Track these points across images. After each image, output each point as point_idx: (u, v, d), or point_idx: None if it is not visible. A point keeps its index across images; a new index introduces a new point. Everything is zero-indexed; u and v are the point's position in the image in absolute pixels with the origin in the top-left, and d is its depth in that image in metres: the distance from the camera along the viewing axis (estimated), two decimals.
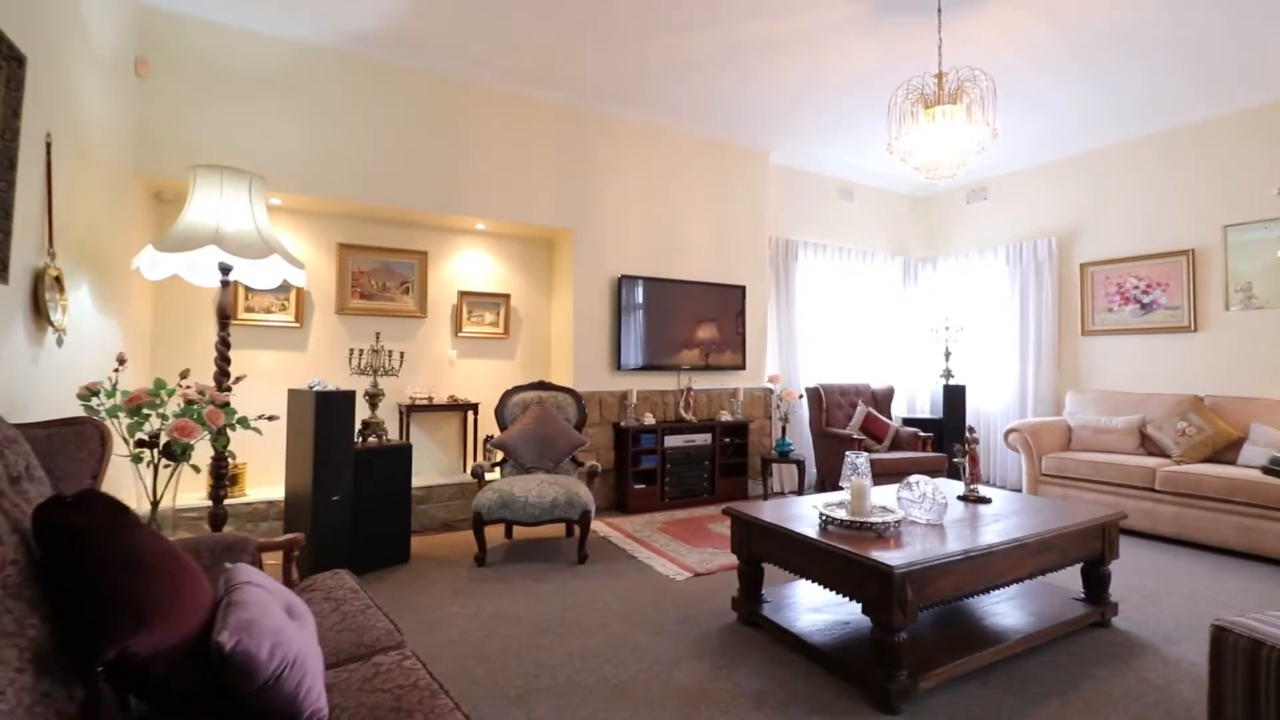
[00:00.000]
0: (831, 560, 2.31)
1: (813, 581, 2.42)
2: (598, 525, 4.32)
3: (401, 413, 4.40)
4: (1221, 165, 4.72)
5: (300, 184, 3.86)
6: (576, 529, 3.79)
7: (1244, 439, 4.21)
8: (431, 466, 4.64)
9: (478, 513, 3.51)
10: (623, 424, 4.79)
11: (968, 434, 3.16)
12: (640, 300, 5.00)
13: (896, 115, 3.38)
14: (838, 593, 2.32)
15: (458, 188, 4.37)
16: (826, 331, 6.15)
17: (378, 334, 4.19)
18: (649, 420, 4.88)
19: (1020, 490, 5.21)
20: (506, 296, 4.96)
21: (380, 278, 4.50)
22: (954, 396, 5.85)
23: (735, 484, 5.25)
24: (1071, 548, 2.69)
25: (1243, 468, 4.03)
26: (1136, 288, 5.19)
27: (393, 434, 4.39)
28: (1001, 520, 2.70)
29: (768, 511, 2.78)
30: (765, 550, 2.67)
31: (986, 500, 3.05)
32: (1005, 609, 2.75)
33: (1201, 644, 2.61)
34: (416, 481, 4.30)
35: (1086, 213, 5.52)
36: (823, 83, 4.49)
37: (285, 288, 4.07)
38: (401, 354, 4.25)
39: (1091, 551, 2.80)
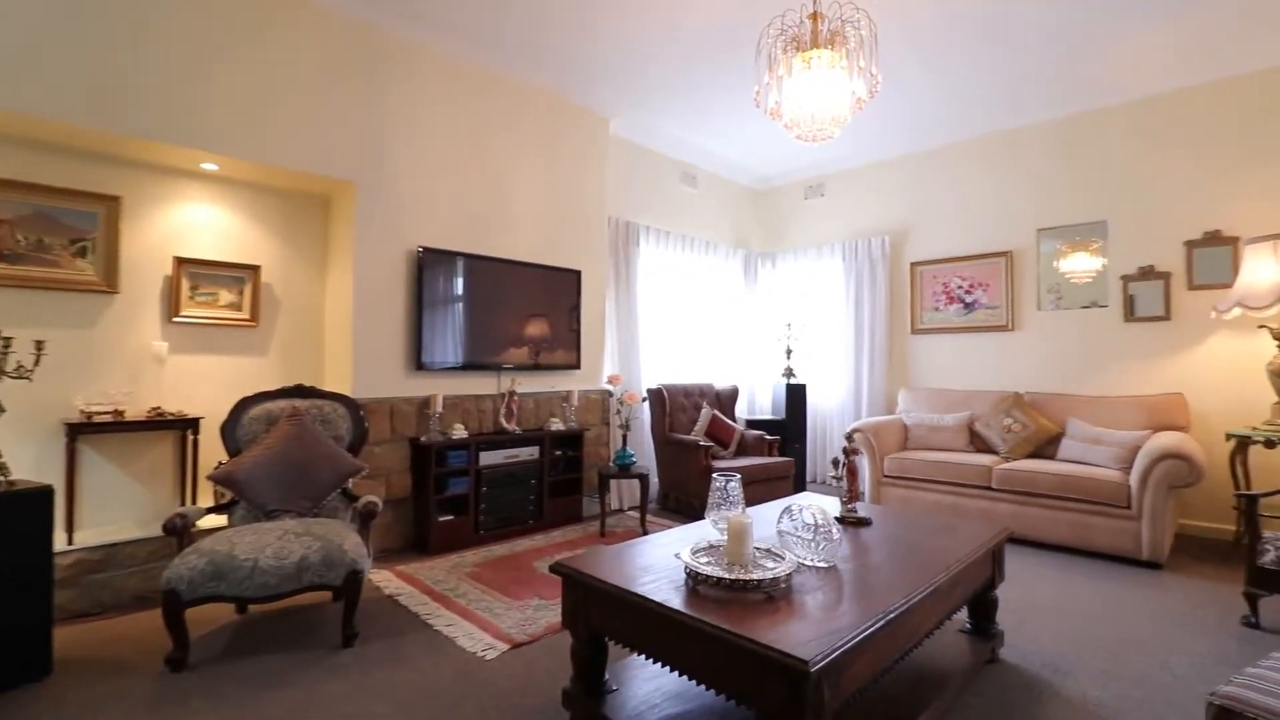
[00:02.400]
0: (709, 645, 1.55)
1: (680, 674, 1.65)
2: (384, 578, 3.22)
3: (67, 434, 2.91)
4: (1034, 172, 4.90)
5: None
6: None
7: (1062, 434, 4.31)
8: (127, 513, 3.18)
9: (172, 591, 2.26)
10: (423, 439, 3.71)
11: (846, 443, 2.64)
12: (451, 281, 3.95)
13: (765, 60, 2.77)
14: (718, 692, 1.57)
15: (183, 109, 3.02)
16: (669, 326, 5.57)
17: None
18: (460, 433, 3.86)
19: (864, 494, 5.03)
20: (255, 269, 3.62)
21: (33, 230, 2.96)
22: (795, 396, 5.58)
23: (567, 505, 4.41)
24: (971, 578, 2.24)
25: (1063, 462, 4.10)
26: (960, 287, 5.28)
27: (40, 467, 2.89)
28: (895, 551, 2.17)
29: (612, 566, 1.97)
30: (610, 623, 1.85)
31: (867, 522, 2.54)
32: (899, 668, 2.22)
33: (1092, 669, 2.31)
34: (89, 538, 2.86)
35: (917, 212, 5.54)
36: (668, 43, 3.83)
37: None
38: (46, 345, 2.79)
39: (984, 578, 2.39)
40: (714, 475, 2.17)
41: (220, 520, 2.79)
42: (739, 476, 2.16)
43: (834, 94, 2.59)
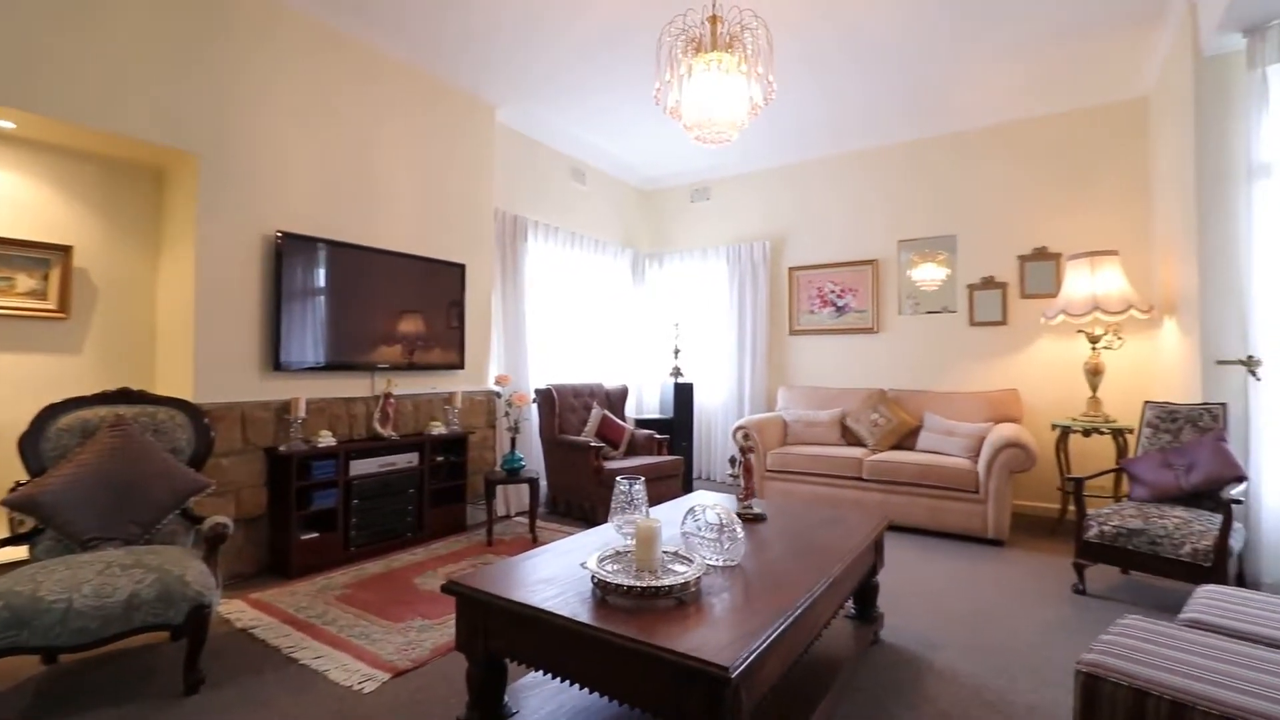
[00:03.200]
0: (623, 659, 1.48)
1: (591, 690, 1.56)
2: (235, 609, 2.81)
3: None
4: (895, 188, 5.34)
5: None
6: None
7: (920, 427, 4.72)
8: None
9: None
10: (283, 449, 3.30)
11: (742, 441, 2.67)
12: (317, 271, 3.55)
13: (666, 59, 2.75)
14: (631, 706, 1.49)
15: None
16: (558, 325, 5.43)
17: None
18: (327, 441, 3.48)
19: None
20: (65, 250, 3.03)
21: None
22: (683, 394, 5.66)
23: (450, 514, 4.14)
24: (859, 567, 2.35)
25: (921, 452, 4.49)
26: (833, 292, 5.63)
27: None
28: (793, 546, 2.22)
29: (512, 581, 1.83)
30: (512, 642, 1.71)
31: (763, 518, 2.59)
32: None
33: (958, 642, 2.51)
34: None
35: (795, 220, 5.84)
36: (559, 35, 3.71)
37: None
38: None
39: (868, 565, 2.52)
40: (617, 479, 2.09)
41: (21, 552, 2.28)
42: (643, 480, 2.10)
43: (733, 98, 2.61)
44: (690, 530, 2.08)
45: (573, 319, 5.60)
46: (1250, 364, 3.02)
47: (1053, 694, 2.15)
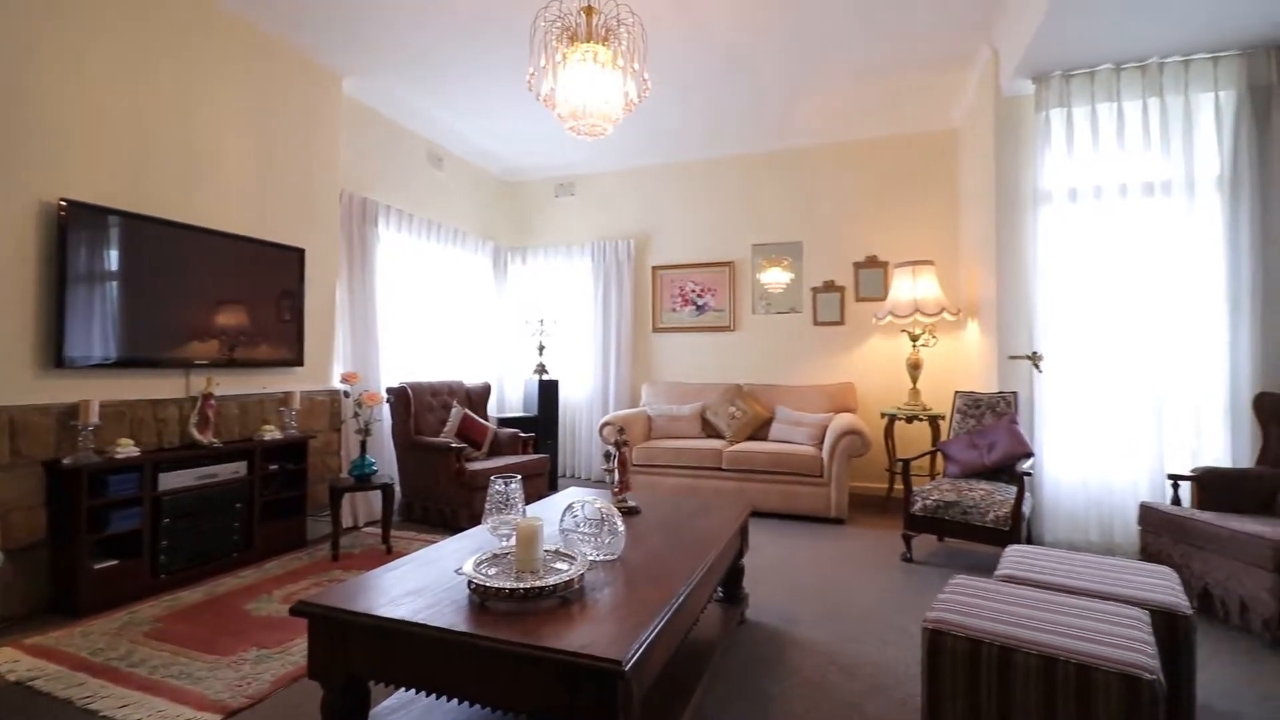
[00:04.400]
0: (509, 665, 1.39)
1: (474, 703, 1.46)
2: (8, 659, 2.27)
3: None
4: (751, 194, 5.68)
5: None
6: None
7: (773, 419, 5.06)
8: None
9: None
10: (68, 461, 2.73)
11: (616, 436, 2.67)
12: (114, 249, 2.99)
13: (540, 46, 2.66)
14: (519, 713, 1.42)
15: None
16: (414, 319, 5.07)
17: None
18: (128, 450, 2.94)
19: None
20: None
21: None
22: (548, 392, 5.57)
23: (287, 529, 3.70)
24: (729, 553, 2.45)
25: (774, 442, 4.81)
26: (694, 291, 5.85)
27: None
28: (669, 537, 2.26)
29: (375, 595, 1.66)
30: (377, 663, 1.55)
31: (638, 511, 2.61)
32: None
33: (813, 614, 2.72)
34: None
35: (658, 220, 5.99)
36: (419, 3, 3.47)
37: None
38: None
39: (736, 550, 2.64)
40: (492, 479, 1.98)
41: None
42: (519, 478, 2.02)
43: (608, 91, 2.60)
44: (569, 527, 2.03)
45: (430, 313, 5.27)
46: (1034, 359, 3.60)
47: (894, 652, 2.40)
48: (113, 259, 2.99)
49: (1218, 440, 3.35)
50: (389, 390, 4.43)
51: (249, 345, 3.66)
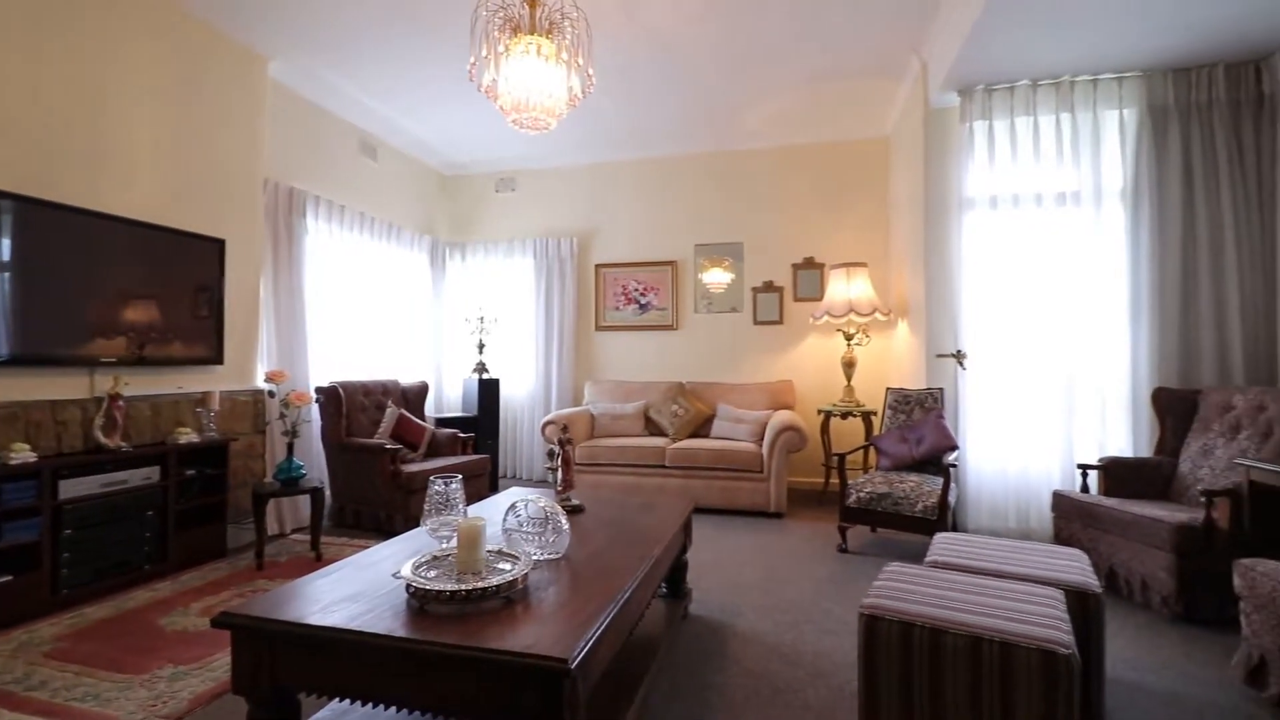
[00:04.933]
0: (452, 670, 1.35)
1: (412, 710, 1.41)
2: None
3: None
4: (693, 195, 5.74)
5: None
6: None
7: (714, 416, 5.13)
8: None
9: None
10: None
11: (560, 434, 2.64)
12: (4, 238, 2.72)
13: (482, 35, 2.60)
14: (460, 718, 1.38)
15: None
16: (346, 316, 4.86)
17: None
18: (22, 456, 2.68)
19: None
20: None
21: None
22: (489, 391, 5.46)
23: (205, 538, 3.48)
24: (673, 548, 2.46)
25: (715, 439, 4.88)
26: (637, 290, 5.87)
27: None
28: (613, 534, 2.26)
29: (306, 603, 1.58)
30: (308, 674, 1.48)
31: (582, 509, 2.59)
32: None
33: (754, 606, 2.77)
34: None
35: (601, 218, 5.96)
36: None
37: None
38: None
39: (680, 546, 2.66)
40: (431, 479, 1.93)
41: None
42: (460, 478, 1.96)
43: (552, 85, 2.57)
44: (513, 526, 1.99)
45: (364, 310, 5.06)
46: (959, 357, 3.79)
47: (832, 639, 2.47)
48: (4, 248, 2.73)
49: (1121, 431, 3.62)
50: (319, 390, 4.23)
51: (162, 342, 3.41)
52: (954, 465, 3.37)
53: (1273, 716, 1.96)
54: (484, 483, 4.64)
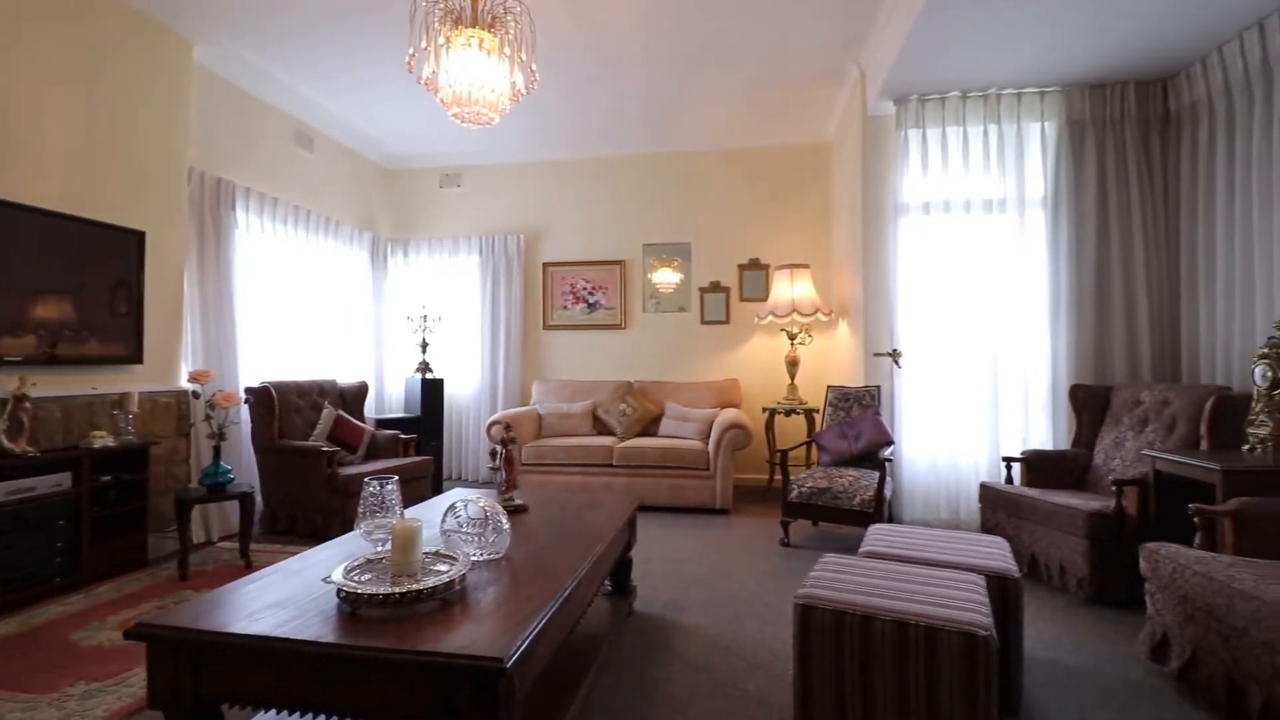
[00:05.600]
0: (381, 674, 1.32)
1: (343, 717, 1.36)
2: None
3: None
4: (641, 195, 5.76)
5: None
6: None
7: (662, 414, 5.16)
8: None
9: None
10: None
11: (503, 433, 2.61)
12: None
13: (422, 26, 2.53)
14: None
15: None
16: (279, 314, 4.65)
17: None
18: None
19: None
20: None
21: None
22: (432, 390, 5.34)
23: (124, 548, 3.28)
24: (617, 546, 2.47)
25: (663, 437, 4.92)
26: (585, 289, 5.85)
27: None
28: (556, 532, 2.24)
29: (229, 611, 1.51)
30: (233, 685, 1.41)
31: (525, 508, 2.57)
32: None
33: (698, 601, 2.81)
34: None
35: (549, 216, 5.92)
36: None
37: None
38: None
39: (624, 543, 2.67)
40: (365, 480, 1.87)
41: None
42: (396, 479, 1.91)
43: (494, 80, 2.53)
44: (451, 528, 1.96)
45: (300, 308, 4.86)
46: (895, 355, 3.93)
47: (772, 631, 2.53)
48: None
49: (1042, 425, 3.84)
50: (249, 390, 4.05)
51: (75, 340, 3.20)
52: (889, 460, 3.49)
53: (1174, 689, 2.11)
54: (427, 485, 4.54)
